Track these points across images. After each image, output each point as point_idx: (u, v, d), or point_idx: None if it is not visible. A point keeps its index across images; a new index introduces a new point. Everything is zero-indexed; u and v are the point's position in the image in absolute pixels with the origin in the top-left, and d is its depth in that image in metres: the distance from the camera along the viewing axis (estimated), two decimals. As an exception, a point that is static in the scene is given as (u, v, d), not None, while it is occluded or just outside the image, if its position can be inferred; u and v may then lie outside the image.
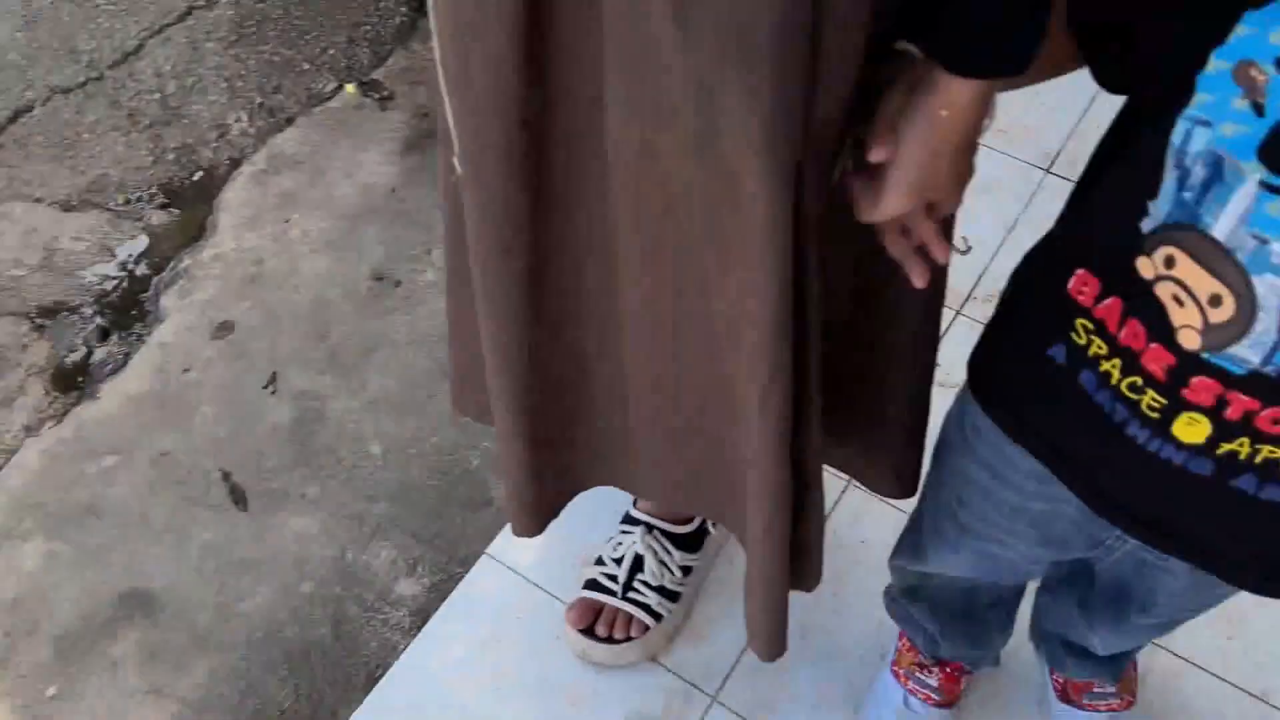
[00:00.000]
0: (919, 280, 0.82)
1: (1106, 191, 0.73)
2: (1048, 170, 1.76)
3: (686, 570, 1.30)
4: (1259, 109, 0.61)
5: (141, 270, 1.71)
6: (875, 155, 0.74)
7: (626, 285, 0.86)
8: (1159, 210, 0.67)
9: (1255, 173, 0.62)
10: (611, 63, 0.72)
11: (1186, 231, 0.66)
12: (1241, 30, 0.60)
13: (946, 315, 1.09)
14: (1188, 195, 0.66)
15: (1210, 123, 0.63)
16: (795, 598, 1.04)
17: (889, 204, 0.77)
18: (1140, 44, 0.68)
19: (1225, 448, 0.71)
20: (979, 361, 0.87)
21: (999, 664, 1.25)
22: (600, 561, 1.31)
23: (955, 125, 0.73)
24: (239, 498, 1.46)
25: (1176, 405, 0.71)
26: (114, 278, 1.70)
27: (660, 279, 0.84)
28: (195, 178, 1.81)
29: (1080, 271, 0.74)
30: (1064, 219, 0.79)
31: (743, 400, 0.87)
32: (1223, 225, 0.64)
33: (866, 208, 0.78)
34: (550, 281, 0.87)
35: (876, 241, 0.82)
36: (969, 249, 0.76)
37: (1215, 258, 0.66)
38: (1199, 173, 0.65)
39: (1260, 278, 0.64)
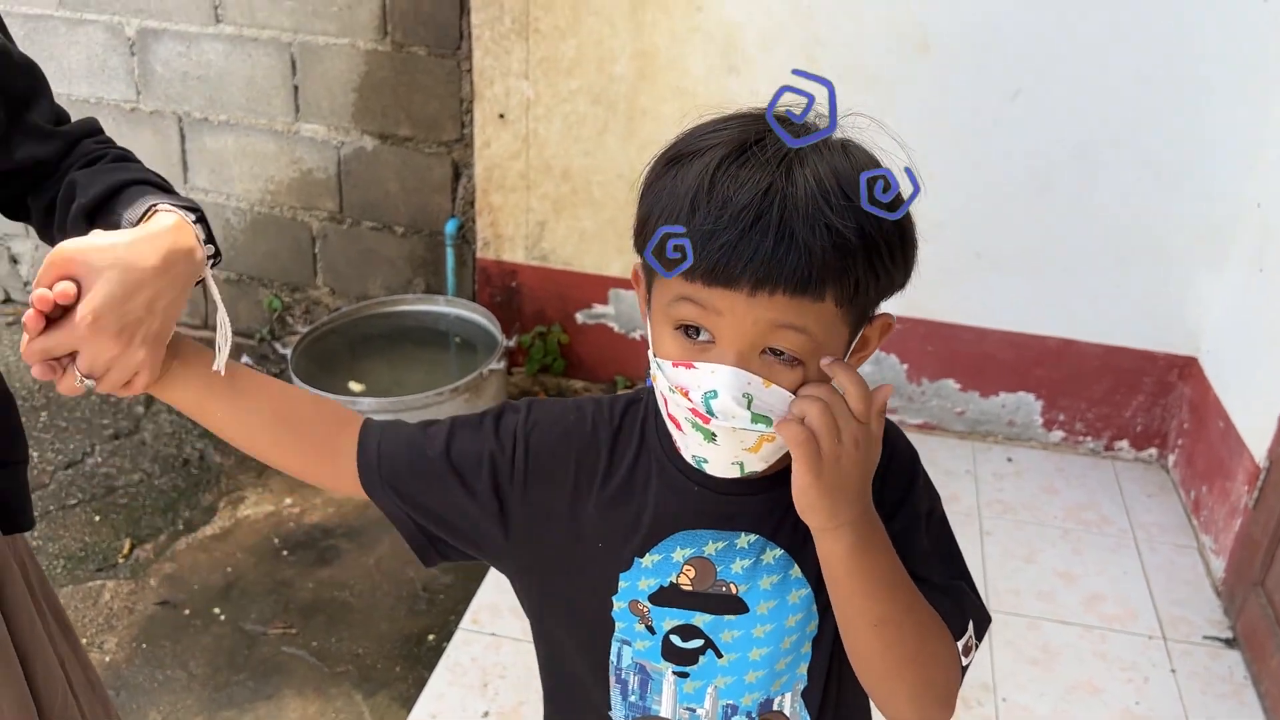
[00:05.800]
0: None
1: (564, 716, 0.97)
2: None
3: None
4: (651, 629, 0.90)
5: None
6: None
7: None
8: (617, 715, 0.93)
9: (667, 669, 0.90)
10: None
11: (644, 718, 0.92)
12: (623, 582, 0.90)
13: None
14: (633, 698, 0.92)
15: (630, 642, 0.91)
16: None
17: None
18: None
19: None
20: None
21: None
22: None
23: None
24: None
25: None
26: None
27: None
28: None
29: None
30: None
31: None
32: (666, 707, 0.92)
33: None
34: None
35: None
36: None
37: None
38: (633, 681, 0.92)
39: None
